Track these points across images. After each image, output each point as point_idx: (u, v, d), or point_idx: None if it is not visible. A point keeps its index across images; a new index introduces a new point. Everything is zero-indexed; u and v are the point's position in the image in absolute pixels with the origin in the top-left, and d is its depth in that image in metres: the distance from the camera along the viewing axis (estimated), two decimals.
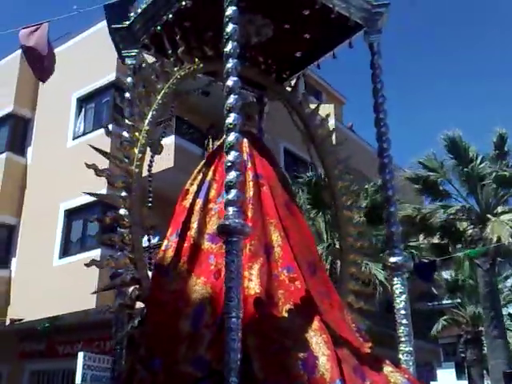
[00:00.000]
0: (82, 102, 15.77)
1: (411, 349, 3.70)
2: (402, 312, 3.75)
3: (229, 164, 3.20)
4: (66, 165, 13.81)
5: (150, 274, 3.89)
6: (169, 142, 13.05)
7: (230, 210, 3.12)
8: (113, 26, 4.54)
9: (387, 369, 3.44)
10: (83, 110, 15.72)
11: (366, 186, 13.70)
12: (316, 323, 3.32)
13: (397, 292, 3.81)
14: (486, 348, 15.84)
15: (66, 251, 14.13)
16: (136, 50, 4.39)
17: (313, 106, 4.95)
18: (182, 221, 3.93)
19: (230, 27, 3.40)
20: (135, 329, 3.69)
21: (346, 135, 16.10)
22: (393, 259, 3.89)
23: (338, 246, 4.76)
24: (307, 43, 4.60)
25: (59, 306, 12.34)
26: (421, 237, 16.26)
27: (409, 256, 13.23)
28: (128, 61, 4.40)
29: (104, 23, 5.15)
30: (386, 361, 3.54)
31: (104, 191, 4.96)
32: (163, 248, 3.91)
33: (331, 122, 5.12)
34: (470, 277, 18.05)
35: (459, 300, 19.31)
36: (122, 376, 3.66)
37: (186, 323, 3.36)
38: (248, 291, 3.35)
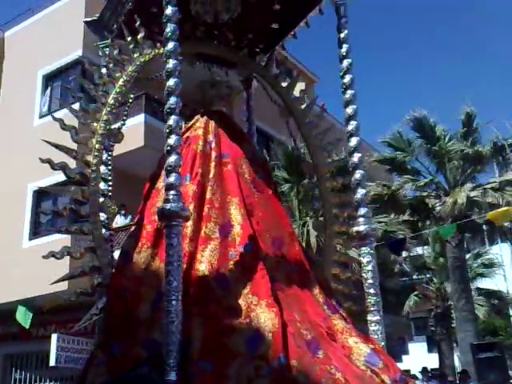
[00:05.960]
0: (48, 79, 15.35)
1: (379, 318, 3.70)
2: (370, 281, 3.72)
3: (168, 148, 3.18)
4: (33, 144, 13.47)
5: (112, 258, 3.85)
6: (138, 121, 12.86)
7: (170, 193, 3.11)
8: (84, 19, 4.51)
9: (352, 339, 3.46)
10: (49, 87, 15.32)
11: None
12: (267, 300, 3.30)
13: (364, 261, 3.77)
14: (454, 322, 16.21)
15: (35, 233, 13.92)
16: (108, 41, 4.33)
17: (285, 84, 4.88)
18: (147, 205, 3.91)
19: (168, 10, 3.45)
20: (97, 315, 3.68)
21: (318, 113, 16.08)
22: (359, 228, 3.82)
23: (321, 219, 4.75)
24: (278, 14, 4.54)
25: (30, 288, 12.15)
26: (391, 215, 16.46)
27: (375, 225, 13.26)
28: (101, 52, 4.32)
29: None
30: (353, 332, 3.55)
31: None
32: (130, 234, 3.90)
33: None
34: (440, 253, 18.38)
35: (429, 275, 19.67)
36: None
37: (146, 307, 3.35)
38: (197, 273, 3.37)
